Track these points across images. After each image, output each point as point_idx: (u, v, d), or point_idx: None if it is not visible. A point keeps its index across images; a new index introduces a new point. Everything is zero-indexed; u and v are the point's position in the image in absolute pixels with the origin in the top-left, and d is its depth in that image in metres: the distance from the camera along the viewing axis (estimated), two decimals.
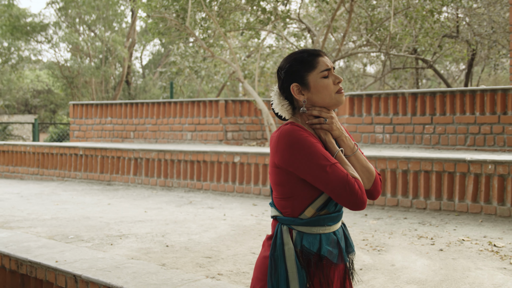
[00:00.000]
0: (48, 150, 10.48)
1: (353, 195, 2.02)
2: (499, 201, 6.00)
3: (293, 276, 2.11)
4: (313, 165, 2.04)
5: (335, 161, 2.06)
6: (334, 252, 2.15)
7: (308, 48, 2.22)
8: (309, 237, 2.13)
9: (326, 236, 2.15)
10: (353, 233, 5.47)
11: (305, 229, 2.14)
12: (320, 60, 2.16)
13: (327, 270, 2.13)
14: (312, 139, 2.08)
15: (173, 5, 11.33)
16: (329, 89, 2.15)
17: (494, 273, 4.01)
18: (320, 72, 2.15)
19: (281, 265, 2.12)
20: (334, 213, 2.16)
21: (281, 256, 2.13)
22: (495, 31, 14.26)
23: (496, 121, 7.77)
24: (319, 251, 2.12)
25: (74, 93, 27.42)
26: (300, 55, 2.18)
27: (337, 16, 12.48)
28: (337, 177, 2.02)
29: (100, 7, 26.86)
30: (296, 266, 2.11)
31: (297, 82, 2.17)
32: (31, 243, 4.88)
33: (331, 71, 2.17)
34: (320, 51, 2.19)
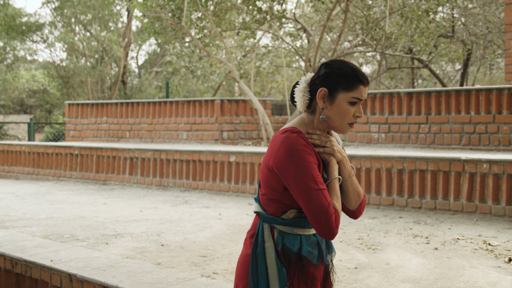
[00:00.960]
0: (43, 150, 10.46)
1: (327, 225, 2.03)
2: (494, 200, 6.02)
3: (273, 274, 2.13)
4: (302, 183, 2.05)
5: (323, 187, 2.06)
6: (314, 253, 2.18)
7: (361, 71, 2.18)
8: (290, 237, 2.16)
9: (306, 237, 2.18)
10: (349, 232, 5.49)
11: (286, 229, 2.16)
12: (360, 88, 2.13)
13: (306, 270, 2.15)
14: (311, 158, 2.08)
15: (169, 5, 11.32)
16: (346, 116, 2.14)
17: (488, 272, 4.03)
18: (352, 97, 2.12)
19: (261, 263, 2.15)
20: None
21: (262, 254, 2.15)
22: (491, 31, 14.30)
23: (491, 121, 7.79)
24: (300, 251, 2.15)
25: (70, 93, 27.37)
26: (349, 70, 2.15)
27: (332, 16, 12.49)
28: (319, 203, 2.03)
29: (96, 6, 26.81)
30: (276, 264, 2.13)
31: (328, 89, 2.15)
32: (26, 242, 4.87)
33: (360, 103, 2.15)
34: (367, 81, 2.16)
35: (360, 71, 2.16)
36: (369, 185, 6.84)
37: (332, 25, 13.28)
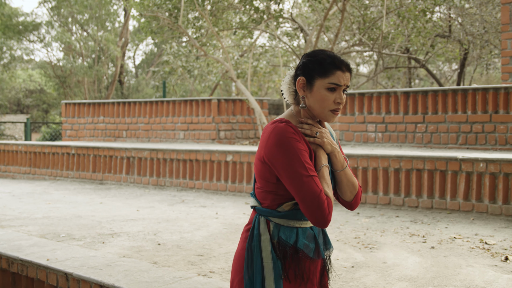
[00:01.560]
0: (40, 150, 10.44)
1: (319, 212, 2.02)
2: (490, 199, 6.02)
3: (268, 267, 2.12)
4: (292, 171, 2.05)
5: (314, 174, 2.06)
6: (311, 246, 2.17)
7: (339, 58, 2.17)
8: (286, 229, 2.15)
9: (302, 230, 2.17)
10: (345, 231, 5.49)
11: (282, 221, 2.16)
12: (337, 74, 2.13)
13: (302, 264, 2.15)
14: (300, 146, 2.08)
15: (166, 4, 11.31)
16: (325, 102, 2.14)
17: (485, 270, 4.03)
18: (328, 83, 2.12)
19: (257, 255, 2.14)
20: None
21: (257, 247, 2.15)
22: (487, 31, 14.31)
23: (488, 120, 7.80)
24: (296, 243, 2.14)
25: (67, 93, 27.33)
26: (325, 57, 2.16)
27: (329, 15, 12.49)
28: (310, 189, 2.03)
29: (92, 6, 26.78)
30: (271, 257, 2.13)
31: (305, 77, 2.17)
32: (22, 241, 4.86)
33: (340, 89, 2.14)
34: (344, 66, 2.15)
35: (338, 57, 2.16)
36: (366, 184, 6.84)
37: (329, 25, 13.29)
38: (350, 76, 2.18)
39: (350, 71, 2.18)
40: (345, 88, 2.16)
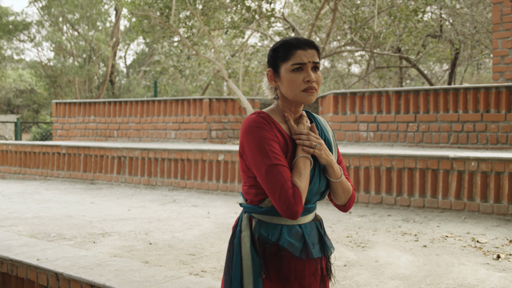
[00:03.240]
0: (30, 149, 10.37)
1: (284, 201, 1.95)
2: (482, 198, 6.04)
3: (247, 264, 2.07)
4: (257, 159, 2.01)
5: (280, 162, 1.99)
6: (297, 245, 2.09)
7: (297, 38, 2.13)
8: (268, 226, 2.09)
9: (288, 227, 2.10)
10: (338, 230, 5.48)
11: (265, 217, 2.10)
12: (297, 53, 2.08)
13: (286, 263, 2.07)
14: (267, 135, 2.03)
15: (157, 3, 11.27)
16: (294, 84, 2.08)
17: (477, 268, 4.03)
18: (291, 65, 2.07)
19: (237, 252, 2.10)
20: None
21: (238, 244, 2.11)
22: (478, 31, 14.38)
23: (479, 119, 7.82)
24: (278, 241, 2.07)
25: (57, 93, 27.20)
26: (283, 42, 2.12)
27: (321, 15, 12.49)
28: (273, 178, 1.97)
29: (83, 5, 26.66)
30: (250, 254, 2.07)
31: (272, 68, 2.15)
32: (12, 241, 4.81)
33: (307, 67, 2.08)
34: (305, 44, 2.10)
35: (297, 38, 2.11)
36: (358, 183, 6.84)
37: (321, 24, 13.29)
38: (316, 53, 2.11)
39: (314, 48, 2.11)
40: (314, 66, 2.10)
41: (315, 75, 2.10)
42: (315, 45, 2.13)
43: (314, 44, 2.13)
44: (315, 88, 2.09)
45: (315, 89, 2.09)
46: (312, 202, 2.16)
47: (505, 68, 8.97)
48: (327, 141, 2.22)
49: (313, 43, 2.12)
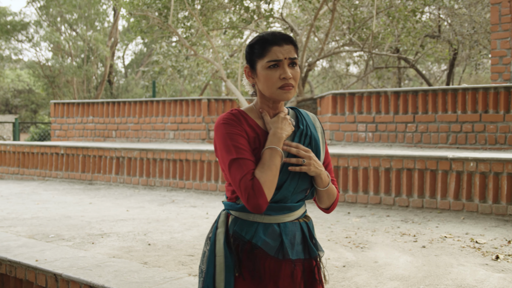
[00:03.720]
0: (28, 150, 10.36)
1: (244, 194, 1.92)
2: (480, 198, 6.04)
3: (220, 261, 2.03)
4: (223, 155, 2.00)
5: (243, 156, 1.96)
6: (272, 244, 2.03)
7: (273, 33, 2.07)
8: (244, 223, 2.05)
9: (264, 225, 2.04)
10: (336, 230, 5.47)
11: (242, 215, 2.06)
12: (273, 50, 2.02)
13: (260, 262, 2.03)
14: (233, 129, 2.01)
15: (156, 3, 11.26)
16: (270, 81, 2.03)
17: (476, 269, 4.03)
18: (267, 62, 2.02)
19: (212, 248, 2.07)
20: (277, 203, 2.06)
21: (213, 240, 2.07)
22: (476, 31, 14.39)
23: (478, 120, 7.83)
24: (252, 239, 2.03)
25: (56, 93, 27.17)
26: (258, 38, 2.07)
27: (320, 15, 12.49)
28: (235, 172, 1.94)
29: (81, 5, 26.64)
30: (224, 252, 2.03)
31: (249, 64, 2.11)
32: (11, 242, 4.80)
33: (283, 63, 2.03)
34: (281, 39, 2.04)
35: (273, 33, 2.06)
36: (356, 184, 6.84)
37: (319, 25, 13.29)
38: (293, 48, 2.06)
39: (291, 43, 2.06)
40: (291, 62, 2.05)
41: (292, 71, 2.05)
42: (292, 40, 2.08)
43: (291, 39, 2.08)
44: (291, 85, 2.04)
45: (292, 86, 2.05)
46: (294, 200, 2.09)
47: (504, 68, 8.98)
48: (313, 137, 2.16)
49: (289, 38, 2.07)
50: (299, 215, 2.13)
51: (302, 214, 2.16)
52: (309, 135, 2.15)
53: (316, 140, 2.16)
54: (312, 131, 2.17)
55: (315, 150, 2.14)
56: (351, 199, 6.86)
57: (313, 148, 2.14)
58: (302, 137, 2.13)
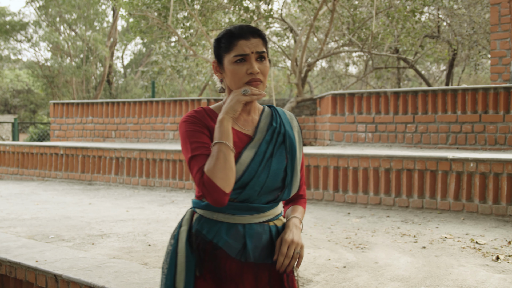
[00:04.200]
0: (28, 150, 10.35)
1: (202, 192, 1.85)
2: (480, 199, 6.04)
3: (181, 260, 1.98)
4: (184, 154, 1.96)
5: (199, 152, 1.90)
6: (235, 245, 1.97)
7: (240, 26, 2.00)
8: (208, 222, 2.00)
9: (228, 225, 1.98)
10: (337, 231, 5.47)
11: (206, 213, 2.01)
12: (239, 44, 1.96)
13: (221, 262, 1.97)
14: (192, 127, 1.96)
15: (155, 4, 11.26)
16: (237, 77, 1.97)
17: (477, 270, 4.03)
18: (233, 56, 1.96)
19: (174, 247, 2.02)
20: (242, 202, 1.99)
21: (176, 238, 2.03)
22: (476, 31, 14.40)
23: (478, 120, 7.83)
24: (214, 239, 1.97)
25: (55, 93, 27.15)
26: (226, 32, 2.01)
27: (319, 15, 12.49)
28: (192, 170, 1.89)
29: (81, 6, 26.63)
30: (185, 250, 1.98)
31: (217, 59, 2.05)
32: (11, 243, 4.79)
33: (250, 58, 1.96)
34: (247, 33, 1.98)
35: (240, 26, 2.00)
36: (356, 184, 6.84)
37: (319, 25, 13.29)
38: (261, 42, 2.00)
39: (259, 36, 2.00)
40: (259, 56, 1.98)
41: (260, 65, 1.98)
42: (261, 33, 2.02)
43: (259, 32, 2.01)
44: (259, 80, 1.98)
45: (260, 81, 1.98)
46: (262, 201, 2.02)
47: (503, 69, 8.98)
48: (287, 135, 2.08)
49: (258, 31, 2.00)
50: (269, 217, 2.05)
51: (274, 216, 2.08)
52: (282, 133, 2.08)
53: (291, 138, 2.10)
54: (287, 129, 2.10)
55: (290, 149, 2.08)
56: (351, 199, 6.86)
57: (287, 147, 2.07)
58: (275, 135, 2.07)
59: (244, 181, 1.96)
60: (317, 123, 10.34)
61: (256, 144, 2.03)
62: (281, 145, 2.07)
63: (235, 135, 2.02)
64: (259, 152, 2.01)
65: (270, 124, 2.09)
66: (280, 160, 2.04)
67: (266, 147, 2.03)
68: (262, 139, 2.05)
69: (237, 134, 2.03)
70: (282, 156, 2.05)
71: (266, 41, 2.04)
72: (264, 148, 2.03)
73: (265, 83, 2.03)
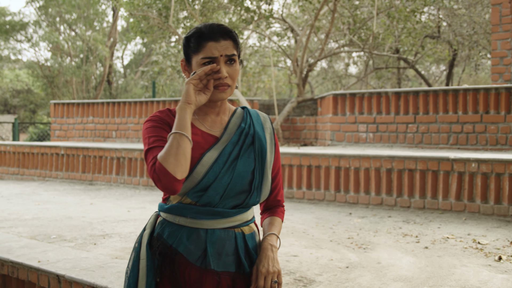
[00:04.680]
0: (28, 150, 10.34)
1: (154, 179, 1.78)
2: (482, 199, 6.04)
3: (143, 265, 1.92)
4: (144, 148, 1.90)
5: (154, 145, 1.85)
6: (195, 251, 1.90)
7: (211, 26, 1.91)
8: (170, 226, 1.94)
9: (189, 230, 1.92)
10: (339, 231, 5.47)
11: (169, 216, 1.96)
12: (208, 45, 1.88)
13: (180, 268, 1.92)
14: (153, 124, 1.92)
15: (156, 4, 11.26)
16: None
17: (479, 270, 4.03)
18: (201, 58, 1.89)
19: (137, 250, 1.97)
20: (204, 206, 1.92)
21: (139, 242, 1.98)
22: (476, 31, 14.40)
23: (479, 120, 7.83)
24: (174, 244, 1.92)
25: (55, 93, 27.15)
26: (196, 31, 1.93)
27: (320, 15, 12.49)
28: (147, 159, 1.84)
29: (81, 5, 26.63)
30: (146, 255, 1.93)
31: (185, 58, 1.98)
32: (13, 243, 4.79)
33: (218, 61, 1.89)
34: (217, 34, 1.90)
35: (210, 26, 1.91)
36: (357, 184, 6.83)
37: (319, 25, 13.29)
38: (232, 44, 1.91)
39: (230, 38, 1.91)
40: (228, 59, 1.91)
41: (228, 69, 1.91)
42: (232, 35, 1.93)
43: (230, 34, 1.93)
44: (227, 85, 1.91)
45: (228, 85, 1.91)
46: (227, 205, 1.94)
47: (504, 69, 8.98)
48: (256, 137, 2.01)
49: (229, 32, 1.92)
50: (235, 223, 1.97)
51: (242, 222, 1.99)
52: (251, 134, 2.01)
53: (261, 140, 2.02)
54: (257, 130, 2.03)
55: (259, 151, 2.00)
56: (353, 199, 6.86)
57: (256, 148, 1.99)
58: (242, 136, 1.99)
59: (205, 183, 1.89)
60: (318, 123, 10.34)
61: (221, 145, 1.96)
62: (249, 147, 1.99)
63: (201, 136, 1.96)
64: (223, 154, 1.93)
65: (239, 125, 2.02)
66: (247, 162, 1.96)
67: (232, 148, 1.96)
68: (228, 140, 1.97)
69: (203, 135, 1.97)
70: (250, 158, 1.97)
71: (238, 43, 1.97)
72: (230, 150, 1.95)
73: (233, 87, 1.96)
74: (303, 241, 5.01)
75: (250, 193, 1.97)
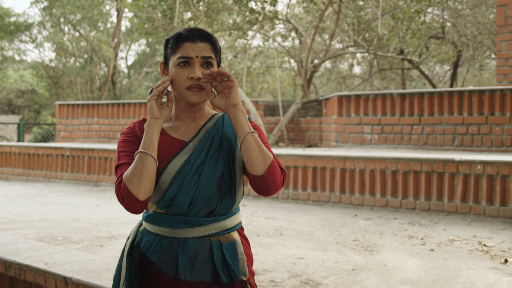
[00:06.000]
0: (34, 151, 10.37)
1: (118, 195, 1.83)
2: (488, 201, 6.03)
3: (123, 273, 1.92)
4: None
5: (122, 161, 1.89)
6: (167, 261, 1.89)
7: (190, 29, 1.92)
8: (148, 235, 1.94)
9: (162, 239, 1.90)
10: (344, 233, 5.47)
11: (147, 225, 1.96)
12: (184, 46, 1.88)
13: (154, 278, 1.90)
14: (125, 138, 1.94)
15: (161, 5, 11.27)
16: (178, 81, 1.87)
17: (485, 273, 4.03)
18: (177, 58, 1.88)
19: (120, 259, 1.98)
20: (175, 215, 1.90)
21: (123, 250, 1.98)
22: (481, 32, 14.38)
23: (484, 122, 7.82)
24: (148, 253, 1.91)
25: (59, 93, 27.20)
26: (173, 35, 1.94)
27: (325, 16, 12.49)
28: (116, 176, 1.88)
29: (85, 6, 26.68)
30: (126, 263, 1.92)
31: (164, 60, 1.98)
32: (19, 245, 4.81)
33: (194, 62, 1.87)
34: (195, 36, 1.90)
35: (188, 28, 1.92)
36: (363, 186, 6.84)
37: (324, 26, 13.29)
38: (209, 47, 1.90)
39: (208, 41, 1.90)
40: (205, 62, 1.89)
41: (204, 72, 1.87)
42: (210, 38, 1.92)
43: (208, 37, 1.92)
44: (200, 87, 1.87)
45: (201, 88, 1.88)
46: (199, 214, 1.90)
47: (509, 70, 8.97)
48: (225, 139, 1.95)
49: (207, 36, 1.91)
50: (211, 232, 1.91)
51: (219, 231, 1.93)
52: (218, 136, 1.95)
53: (231, 140, 1.96)
54: (226, 131, 1.97)
55: (228, 151, 1.94)
56: (358, 201, 6.86)
57: (224, 150, 1.93)
58: (209, 139, 1.93)
59: (172, 192, 1.87)
60: (322, 124, 10.34)
61: (187, 151, 1.92)
62: (217, 150, 1.93)
63: (170, 143, 1.94)
64: (189, 160, 1.90)
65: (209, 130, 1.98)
66: (216, 166, 1.91)
67: (198, 153, 1.91)
68: (195, 145, 1.94)
69: (173, 142, 1.95)
70: (219, 161, 1.92)
71: (216, 48, 1.94)
72: (196, 155, 1.91)
73: (209, 91, 1.90)
74: (309, 243, 5.01)
75: (220, 198, 1.91)
